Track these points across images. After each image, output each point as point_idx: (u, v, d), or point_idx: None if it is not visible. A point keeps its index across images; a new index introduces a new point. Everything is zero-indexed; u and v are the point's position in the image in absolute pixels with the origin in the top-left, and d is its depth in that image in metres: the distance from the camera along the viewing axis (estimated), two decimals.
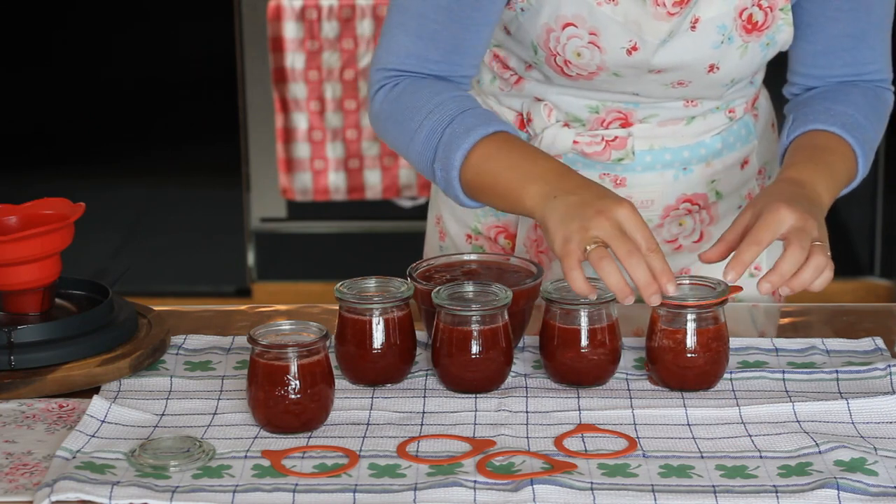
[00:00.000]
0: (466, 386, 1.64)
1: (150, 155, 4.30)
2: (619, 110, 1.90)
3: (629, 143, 1.91)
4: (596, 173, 1.92)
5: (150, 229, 4.37)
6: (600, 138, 1.91)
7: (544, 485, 1.42)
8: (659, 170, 1.93)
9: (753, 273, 1.98)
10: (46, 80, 4.22)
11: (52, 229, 1.72)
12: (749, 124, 1.99)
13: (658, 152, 1.93)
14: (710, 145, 1.95)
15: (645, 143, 1.92)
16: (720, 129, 1.96)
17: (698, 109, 1.92)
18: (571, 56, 1.83)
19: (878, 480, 1.43)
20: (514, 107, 1.95)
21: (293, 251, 4.37)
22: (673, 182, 1.94)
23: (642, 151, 1.92)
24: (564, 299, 1.66)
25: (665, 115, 1.91)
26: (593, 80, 1.86)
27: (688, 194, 1.96)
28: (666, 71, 1.84)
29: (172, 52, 4.23)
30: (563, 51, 1.83)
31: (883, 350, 1.75)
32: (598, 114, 1.91)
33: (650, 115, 1.91)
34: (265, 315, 1.90)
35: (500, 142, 1.74)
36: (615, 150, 1.91)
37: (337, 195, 4.26)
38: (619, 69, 1.84)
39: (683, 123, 1.93)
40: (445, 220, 2.06)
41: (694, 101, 1.91)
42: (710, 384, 1.66)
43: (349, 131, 4.22)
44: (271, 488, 1.43)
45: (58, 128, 4.27)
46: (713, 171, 1.96)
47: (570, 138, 1.91)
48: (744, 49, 1.84)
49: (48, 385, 1.65)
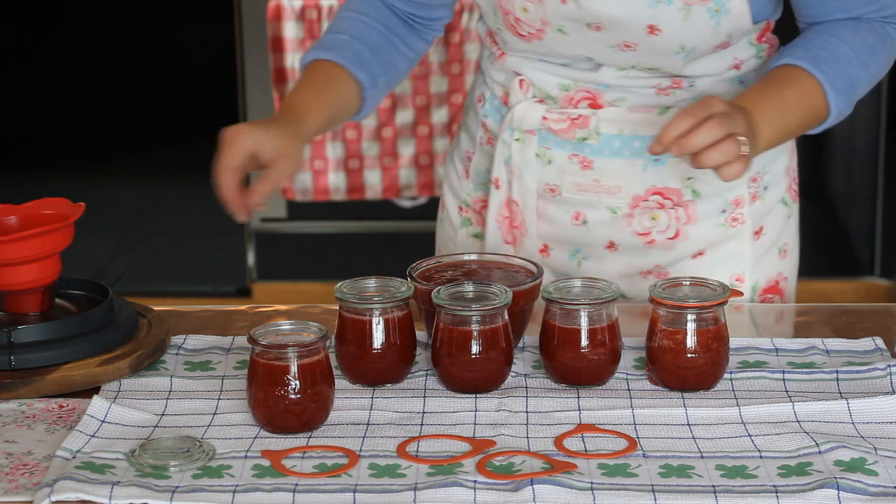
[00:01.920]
0: (466, 386, 1.64)
1: (150, 155, 4.30)
2: (588, 90, 1.92)
3: (592, 122, 1.92)
4: (566, 153, 1.95)
5: (150, 229, 4.37)
6: (566, 116, 1.93)
7: (544, 485, 1.42)
8: (627, 157, 1.93)
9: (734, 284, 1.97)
10: (46, 80, 4.22)
11: (52, 229, 1.72)
12: None
13: (627, 138, 1.93)
14: None
15: (614, 126, 1.93)
16: None
17: (671, 99, 1.92)
18: (519, 12, 1.88)
19: (878, 480, 1.43)
20: (499, 80, 2.01)
21: (293, 251, 4.36)
22: (641, 171, 1.94)
23: (611, 135, 1.93)
24: (564, 299, 1.66)
25: (635, 101, 1.92)
26: (543, 39, 1.89)
27: (658, 186, 1.95)
28: (605, 28, 1.84)
29: (172, 52, 4.22)
30: (513, 7, 1.88)
31: (883, 350, 1.75)
32: (568, 92, 1.93)
33: (619, 98, 1.92)
34: (265, 315, 1.90)
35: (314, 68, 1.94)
36: (579, 129, 1.93)
37: (337, 195, 4.26)
38: (561, 23, 1.86)
39: (656, 112, 1.92)
40: (445, 194, 2.14)
41: (666, 91, 1.91)
42: (710, 384, 1.65)
43: (349, 131, 4.22)
44: (271, 488, 1.43)
45: (58, 128, 4.27)
46: (688, 168, 1.93)
47: (539, 113, 1.95)
48: (686, 12, 1.82)
49: (48, 385, 1.65)
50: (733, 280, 1.97)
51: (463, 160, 2.09)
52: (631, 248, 1.97)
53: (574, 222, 1.97)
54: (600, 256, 1.98)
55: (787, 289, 2.04)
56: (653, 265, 1.97)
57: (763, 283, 2.00)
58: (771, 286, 2.01)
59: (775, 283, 2.02)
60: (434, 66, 4.19)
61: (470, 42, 4.17)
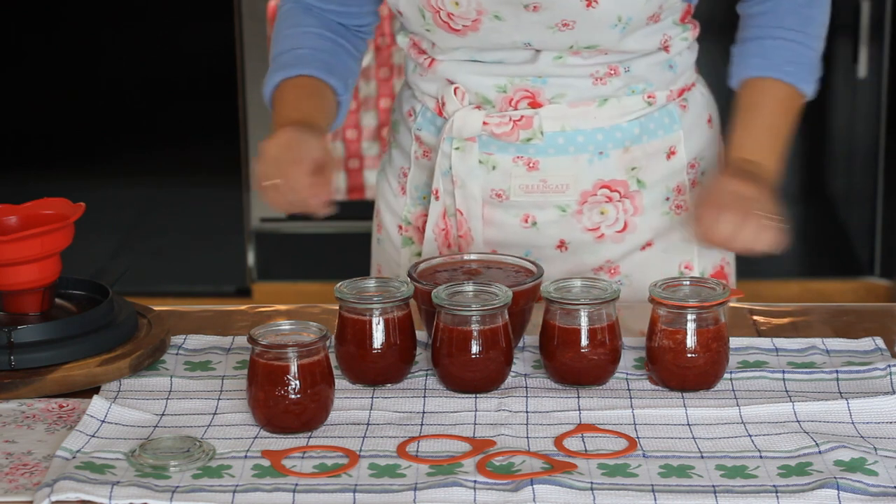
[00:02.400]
0: (466, 386, 1.64)
1: (150, 155, 4.30)
2: (526, 89, 1.91)
3: (535, 121, 1.92)
4: (509, 156, 1.94)
5: (150, 229, 4.37)
6: (508, 118, 1.92)
7: (544, 485, 1.42)
8: (572, 153, 1.93)
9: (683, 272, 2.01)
10: (46, 80, 4.22)
11: (52, 229, 1.72)
12: (673, 113, 1.97)
13: (570, 134, 1.92)
14: (627, 129, 1.94)
15: (556, 123, 1.92)
16: (638, 114, 1.94)
17: (608, 89, 1.92)
18: (451, 6, 1.86)
19: (878, 480, 1.43)
20: (430, 92, 1.98)
21: (293, 251, 4.36)
22: (588, 166, 1.94)
23: (554, 133, 1.92)
24: (564, 299, 1.66)
25: (574, 96, 1.91)
26: (479, 29, 1.87)
27: (605, 180, 1.95)
28: (542, 7, 1.83)
29: (172, 52, 4.22)
30: (443, 3, 1.86)
31: (883, 350, 1.75)
32: (506, 93, 1.92)
33: (558, 94, 1.91)
34: (265, 315, 1.90)
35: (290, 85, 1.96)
36: (522, 130, 1.92)
37: (337, 195, 4.27)
38: (497, 8, 1.85)
39: (595, 105, 1.92)
40: (382, 212, 2.11)
41: (602, 80, 1.91)
42: (710, 384, 1.66)
43: (349, 131, 4.22)
44: (271, 488, 1.43)
45: (58, 128, 4.27)
46: (632, 158, 1.94)
47: (479, 120, 1.93)
48: None
49: (48, 385, 1.65)
50: (682, 268, 2.00)
51: (398, 177, 2.06)
52: (581, 245, 1.97)
53: (523, 225, 1.97)
54: (551, 257, 1.97)
55: (730, 273, 2.08)
56: (603, 260, 1.97)
57: (710, 270, 2.03)
58: (717, 272, 2.04)
59: (720, 268, 2.04)
60: None
61: None
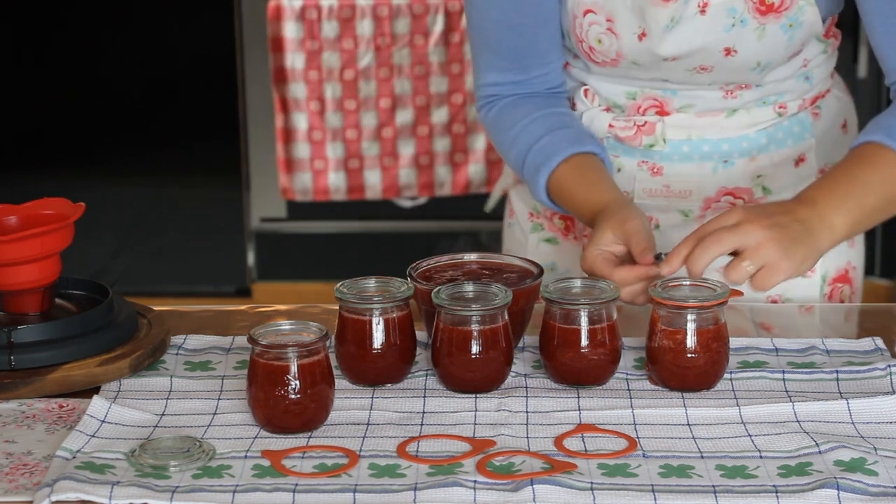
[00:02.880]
0: (466, 386, 1.64)
1: (150, 155, 4.30)
2: (655, 98, 1.93)
3: (658, 128, 1.93)
4: (634, 160, 1.96)
5: (150, 229, 4.37)
6: (633, 123, 1.94)
7: (544, 485, 1.42)
8: (696, 161, 1.94)
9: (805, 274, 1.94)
10: (46, 80, 4.22)
11: (52, 229, 1.72)
12: (805, 122, 1.96)
13: (696, 143, 1.93)
14: (755, 139, 1.94)
15: (682, 132, 1.93)
16: (767, 125, 1.94)
17: (738, 101, 1.92)
18: (594, 42, 1.89)
19: (878, 480, 1.43)
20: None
21: (293, 251, 4.36)
22: (712, 174, 1.94)
23: (679, 141, 1.94)
24: (564, 299, 1.66)
25: (703, 106, 1.92)
26: (619, 66, 1.90)
27: (728, 187, 1.95)
28: (681, 58, 1.85)
29: (172, 52, 4.22)
30: (587, 37, 1.89)
31: (883, 350, 1.75)
32: (635, 100, 1.94)
33: (687, 104, 1.93)
34: (265, 315, 1.90)
35: (563, 175, 1.90)
36: (645, 136, 1.94)
37: (337, 195, 4.26)
38: (636, 57, 1.87)
39: (723, 115, 1.92)
40: (513, 200, 2.15)
41: (733, 93, 1.91)
42: (710, 385, 1.65)
43: (349, 131, 4.22)
44: (271, 488, 1.43)
45: (58, 128, 4.27)
46: (758, 166, 1.94)
47: (606, 121, 1.95)
48: (761, 31, 1.83)
49: (48, 385, 1.65)
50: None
51: None
52: None
53: None
54: None
55: (855, 278, 2.02)
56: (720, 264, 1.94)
57: (833, 273, 1.99)
58: (840, 275, 2.00)
59: (844, 272, 2.01)
60: (434, 66, 4.19)
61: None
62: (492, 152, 4.23)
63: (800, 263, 1.68)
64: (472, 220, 4.32)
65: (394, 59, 4.18)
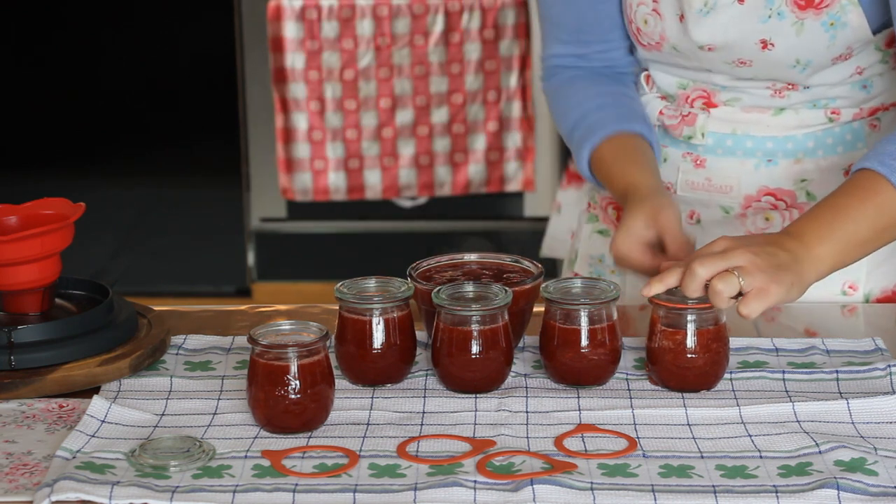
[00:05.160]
0: (466, 386, 1.64)
1: (150, 155, 4.30)
2: (703, 90, 1.95)
3: (699, 120, 1.94)
4: (679, 151, 1.98)
5: (150, 229, 4.37)
6: (678, 113, 1.97)
7: (544, 485, 1.42)
8: (739, 156, 1.94)
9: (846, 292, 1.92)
10: (46, 80, 4.22)
11: (52, 229, 1.72)
12: (859, 132, 1.91)
13: (739, 138, 1.93)
14: (801, 141, 1.92)
15: (727, 126, 1.94)
16: (816, 128, 1.91)
17: (786, 101, 1.91)
18: (641, 23, 1.92)
19: (878, 480, 1.43)
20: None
21: (293, 251, 4.37)
22: (754, 171, 1.94)
23: (723, 135, 1.94)
24: (564, 299, 1.66)
25: (749, 101, 1.93)
26: (662, 51, 1.93)
27: (770, 188, 1.94)
28: (717, 49, 1.85)
29: (172, 52, 4.23)
30: (636, 17, 1.93)
31: (883, 350, 1.75)
32: (685, 90, 1.97)
33: (734, 98, 1.93)
34: (265, 315, 1.90)
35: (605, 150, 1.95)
36: (686, 127, 1.96)
37: (337, 195, 4.27)
38: (677, 42, 1.89)
39: (770, 113, 1.92)
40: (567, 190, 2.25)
41: (780, 93, 1.90)
42: (710, 385, 1.65)
43: (349, 131, 4.22)
44: (271, 488, 1.43)
45: (58, 128, 4.27)
46: (803, 169, 1.92)
47: (657, 108, 1.99)
48: (799, 26, 1.82)
49: (48, 385, 1.65)
50: (846, 287, 1.93)
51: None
52: None
53: (688, 221, 1.98)
54: None
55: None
56: None
57: (877, 293, 1.94)
58: (886, 295, 1.94)
59: (892, 293, 1.94)
60: (434, 66, 4.19)
61: (470, 42, 4.17)
62: (492, 152, 4.24)
63: (788, 288, 1.62)
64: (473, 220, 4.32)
65: (394, 59, 4.18)
